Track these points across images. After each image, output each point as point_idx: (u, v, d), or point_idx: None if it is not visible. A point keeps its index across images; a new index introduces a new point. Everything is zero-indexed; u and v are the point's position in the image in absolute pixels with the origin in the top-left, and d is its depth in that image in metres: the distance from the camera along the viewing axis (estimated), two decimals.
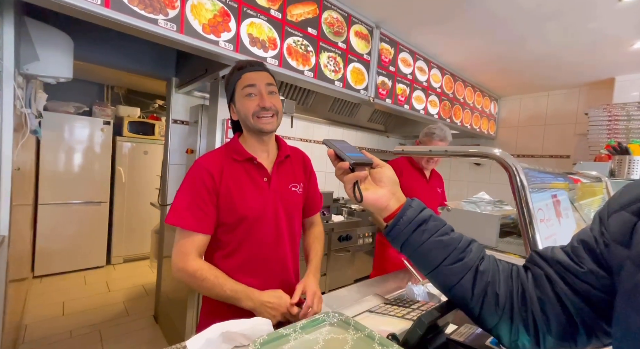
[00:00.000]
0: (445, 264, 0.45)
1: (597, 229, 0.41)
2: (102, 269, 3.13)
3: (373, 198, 0.51)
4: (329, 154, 0.54)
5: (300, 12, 1.51)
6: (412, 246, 0.47)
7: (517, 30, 1.83)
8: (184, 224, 0.79)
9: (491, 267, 0.46)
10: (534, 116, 3.04)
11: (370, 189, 0.52)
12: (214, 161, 0.87)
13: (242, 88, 0.86)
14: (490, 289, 0.43)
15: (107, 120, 3.14)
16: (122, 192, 3.28)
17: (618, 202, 0.39)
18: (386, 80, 2.00)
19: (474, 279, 0.44)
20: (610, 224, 0.39)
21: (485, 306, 0.43)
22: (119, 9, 0.97)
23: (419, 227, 0.47)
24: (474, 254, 0.46)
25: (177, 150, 2.19)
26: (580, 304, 0.39)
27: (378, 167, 0.53)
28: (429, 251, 0.46)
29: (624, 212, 0.37)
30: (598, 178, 1.36)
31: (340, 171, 0.53)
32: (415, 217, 0.48)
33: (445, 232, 0.47)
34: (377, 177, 0.52)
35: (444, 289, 0.47)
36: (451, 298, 0.47)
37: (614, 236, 0.38)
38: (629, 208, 0.37)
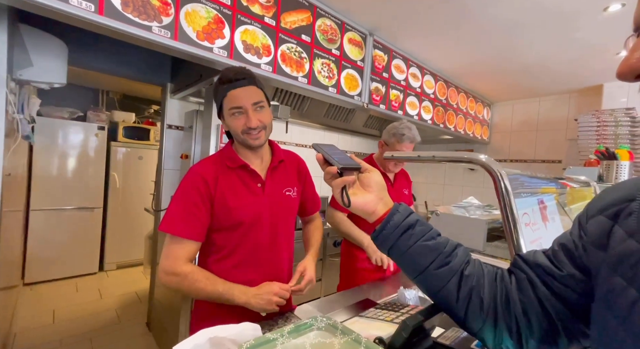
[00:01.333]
0: (431, 268, 0.46)
1: (577, 233, 0.41)
2: (95, 276, 3.08)
3: (361, 203, 0.51)
4: (317, 158, 0.54)
5: (294, 20, 1.53)
6: (399, 250, 0.48)
7: (508, 37, 1.87)
8: (177, 232, 0.80)
9: (476, 271, 0.46)
10: (526, 122, 3.09)
11: (358, 194, 0.52)
12: (208, 168, 0.88)
13: (229, 108, 0.85)
14: (475, 294, 0.44)
15: (101, 125, 3.13)
16: (116, 198, 3.26)
17: (596, 207, 0.40)
18: (380, 86, 2.03)
19: (459, 284, 0.45)
20: (588, 228, 0.39)
21: (470, 310, 0.44)
22: (113, 16, 0.98)
23: (406, 232, 0.47)
24: (460, 258, 0.46)
25: (172, 155, 2.19)
26: (560, 307, 0.39)
27: (366, 172, 0.54)
28: (416, 256, 0.47)
29: (601, 216, 0.38)
30: (587, 183, 1.38)
31: (328, 175, 0.53)
32: (402, 222, 0.48)
33: (431, 236, 0.47)
34: (365, 182, 0.53)
35: (429, 293, 0.47)
36: (437, 302, 0.47)
37: (591, 239, 0.38)
38: (605, 212, 0.38)
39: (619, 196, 0.38)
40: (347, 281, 1.52)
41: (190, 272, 0.78)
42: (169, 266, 0.79)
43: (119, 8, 0.98)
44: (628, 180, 0.41)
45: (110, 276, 3.14)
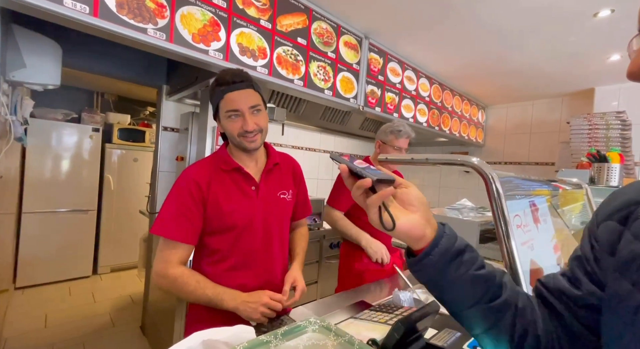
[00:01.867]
0: (483, 302, 0.39)
1: (587, 244, 0.40)
2: (88, 279, 3.04)
3: (407, 226, 0.40)
4: (342, 170, 0.44)
5: (290, 23, 1.54)
6: (445, 280, 0.40)
7: (501, 42, 1.90)
8: (169, 234, 0.80)
9: (528, 303, 0.40)
10: (520, 124, 3.13)
11: (401, 215, 0.41)
12: (202, 171, 0.87)
13: (225, 111, 0.85)
14: (532, 331, 0.38)
15: (96, 127, 3.11)
16: (110, 200, 3.23)
17: (604, 212, 0.39)
18: (375, 89, 2.04)
19: (513, 318, 0.39)
20: (599, 235, 0.38)
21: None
22: (108, 18, 0.98)
23: (455, 260, 0.40)
24: (510, 288, 0.41)
25: (167, 157, 2.18)
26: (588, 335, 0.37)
27: (403, 187, 0.43)
28: (465, 287, 0.39)
29: (611, 221, 0.37)
30: (579, 185, 1.40)
31: (359, 190, 0.42)
32: (452, 247, 0.40)
33: (481, 264, 0.41)
34: (405, 200, 0.42)
35: (479, 330, 0.40)
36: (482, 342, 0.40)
37: (603, 246, 0.37)
38: (614, 217, 0.37)
39: (626, 199, 0.37)
40: (347, 282, 1.53)
41: (180, 275, 0.78)
42: (161, 268, 0.79)
43: (114, 10, 0.98)
44: (635, 182, 0.40)
45: (104, 279, 3.10)
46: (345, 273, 1.58)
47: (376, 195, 0.41)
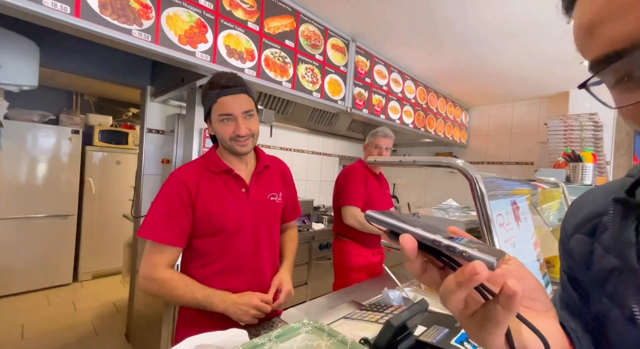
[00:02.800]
0: None
1: (564, 262, 0.39)
2: (69, 287, 2.93)
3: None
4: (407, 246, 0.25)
5: (278, 25, 1.54)
6: None
7: (482, 46, 1.97)
8: (157, 237, 0.78)
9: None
10: (501, 126, 3.24)
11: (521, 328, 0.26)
12: (191, 173, 0.87)
13: (218, 115, 0.84)
14: None
15: (75, 129, 3.00)
16: (92, 205, 3.12)
17: (572, 224, 0.38)
18: (362, 91, 2.07)
19: None
20: (572, 248, 0.37)
21: None
22: (90, 19, 0.95)
23: None
24: None
25: (152, 160, 2.13)
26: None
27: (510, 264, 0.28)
28: None
29: (580, 234, 0.36)
30: (556, 184, 1.48)
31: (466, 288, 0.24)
32: None
33: None
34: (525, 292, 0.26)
35: None
36: None
37: (578, 262, 0.36)
38: (583, 229, 0.36)
39: (591, 210, 0.36)
40: (343, 278, 1.60)
41: (168, 279, 0.77)
42: (148, 272, 0.78)
43: (96, 10, 0.96)
44: (595, 189, 0.39)
45: (86, 286, 2.99)
46: (342, 270, 1.65)
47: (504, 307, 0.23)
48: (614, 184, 0.37)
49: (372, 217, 0.28)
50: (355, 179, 1.65)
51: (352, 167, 1.73)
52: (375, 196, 1.70)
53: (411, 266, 0.27)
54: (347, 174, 1.70)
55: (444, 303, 0.26)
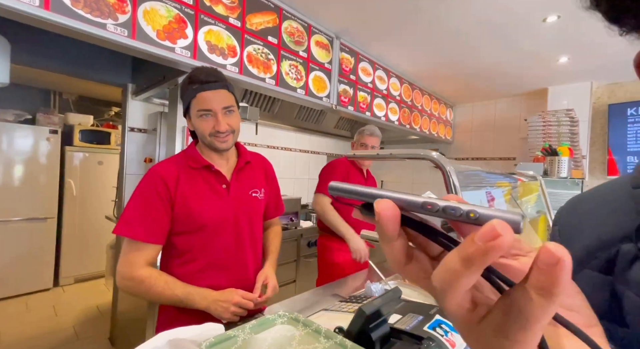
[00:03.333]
0: None
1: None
2: (49, 292, 2.83)
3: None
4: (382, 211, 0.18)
5: (260, 21, 1.53)
6: None
7: (465, 44, 2.01)
8: (134, 235, 0.77)
9: None
10: (485, 122, 3.32)
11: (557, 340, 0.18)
12: (170, 169, 0.85)
13: (197, 110, 0.83)
14: None
15: (54, 128, 2.90)
16: (73, 207, 3.02)
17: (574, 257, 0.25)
18: (347, 88, 2.08)
19: None
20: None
21: None
22: (61, 12, 0.92)
23: None
24: None
25: (135, 159, 2.08)
26: None
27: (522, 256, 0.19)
28: None
29: (588, 270, 0.27)
30: (534, 177, 1.52)
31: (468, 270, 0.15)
32: None
33: None
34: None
35: None
36: None
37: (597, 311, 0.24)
38: (592, 264, 0.27)
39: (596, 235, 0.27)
40: (326, 274, 1.60)
41: (147, 276, 0.76)
42: (126, 270, 0.77)
43: (67, 3, 0.93)
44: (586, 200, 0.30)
45: (67, 291, 2.90)
46: (324, 266, 1.64)
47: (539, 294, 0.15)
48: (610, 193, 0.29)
49: (336, 187, 0.21)
50: (334, 170, 1.65)
51: (335, 160, 1.73)
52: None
53: (391, 250, 0.19)
54: (328, 166, 1.71)
55: (442, 301, 0.17)
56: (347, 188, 0.21)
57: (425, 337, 0.47)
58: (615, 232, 0.26)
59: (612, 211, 0.27)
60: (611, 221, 0.27)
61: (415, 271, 0.20)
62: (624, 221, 0.25)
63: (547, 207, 1.48)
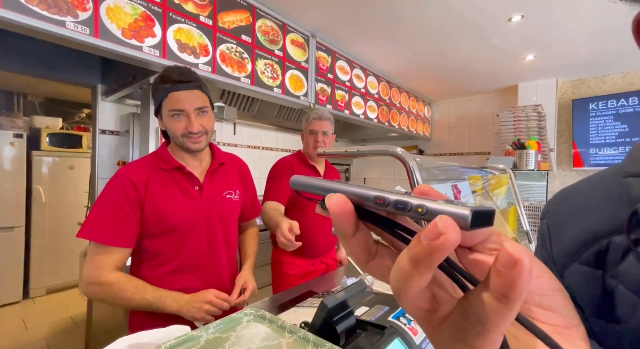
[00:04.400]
0: None
1: None
2: (18, 305, 2.68)
3: None
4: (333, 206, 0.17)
5: (233, 19, 1.51)
6: None
7: (438, 42, 2.06)
8: (100, 238, 0.74)
9: None
10: (461, 118, 3.43)
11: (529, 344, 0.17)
12: (139, 170, 0.83)
13: (169, 110, 0.81)
14: None
15: (18, 132, 2.74)
16: (42, 214, 2.87)
17: (561, 249, 0.28)
18: (325, 86, 2.09)
19: None
20: (571, 287, 0.26)
21: None
22: (14, 8, 0.87)
23: None
24: None
25: (107, 163, 2.01)
26: None
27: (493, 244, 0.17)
28: None
29: (577, 264, 0.26)
30: (504, 170, 1.59)
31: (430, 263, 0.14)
32: None
33: None
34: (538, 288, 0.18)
35: None
36: None
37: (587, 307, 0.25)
38: (581, 257, 0.26)
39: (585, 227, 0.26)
40: (277, 287, 1.41)
41: (115, 281, 0.74)
42: (92, 275, 0.74)
43: (20, 0, 0.88)
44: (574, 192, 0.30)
45: (38, 303, 2.76)
46: (275, 277, 1.41)
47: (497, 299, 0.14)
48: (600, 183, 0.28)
49: (296, 182, 0.21)
50: (275, 173, 1.36)
51: (278, 161, 1.44)
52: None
53: (350, 246, 0.18)
54: (272, 169, 1.41)
55: (400, 301, 0.16)
56: (305, 182, 0.21)
57: (388, 326, 0.49)
58: (606, 223, 0.24)
59: (603, 201, 0.26)
60: (602, 212, 0.26)
61: (378, 268, 0.18)
62: (615, 211, 0.24)
63: (517, 199, 1.55)
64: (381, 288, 0.85)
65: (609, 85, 2.54)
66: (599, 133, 2.46)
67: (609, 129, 2.43)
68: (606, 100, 2.45)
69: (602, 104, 2.46)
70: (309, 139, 1.40)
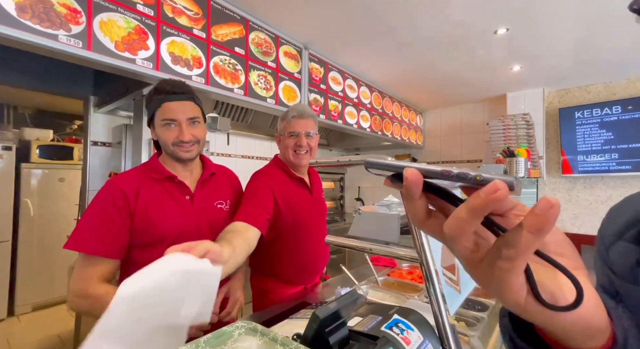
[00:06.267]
0: None
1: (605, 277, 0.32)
2: (2, 324, 2.58)
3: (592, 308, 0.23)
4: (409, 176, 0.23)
5: (226, 32, 1.54)
6: None
7: (429, 53, 2.12)
8: (88, 249, 0.73)
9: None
10: (452, 127, 3.49)
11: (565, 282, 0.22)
12: (129, 180, 0.83)
13: (161, 119, 0.83)
14: None
15: (7, 145, 2.70)
16: (30, 228, 2.80)
17: (611, 232, 0.33)
18: (318, 97, 2.12)
19: None
20: (613, 262, 0.31)
21: None
22: (6, 23, 0.87)
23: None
24: None
25: (99, 174, 1.98)
26: None
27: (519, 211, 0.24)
28: None
29: (621, 242, 0.31)
30: None
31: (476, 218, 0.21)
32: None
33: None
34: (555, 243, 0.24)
35: None
36: None
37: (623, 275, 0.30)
38: (625, 235, 0.31)
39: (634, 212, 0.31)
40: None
41: (103, 293, 0.72)
42: (80, 287, 0.72)
43: (13, 14, 0.88)
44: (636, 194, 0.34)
45: (24, 320, 2.66)
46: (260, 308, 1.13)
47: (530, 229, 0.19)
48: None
49: (372, 162, 0.26)
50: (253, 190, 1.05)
51: (256, 178, 1.15)
52: (305, 213, 1.15)
53: (414, 207, 0.24)
54: (247, 184, 1.11)
55: (451, 245, 0.23)
56: (382, 163, 0.26)
57: (380, 337, 0.48)
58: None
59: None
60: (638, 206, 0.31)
61: (432, 225, 0.25)
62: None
63: None
64: (375, 297, 0.84)
65: (593, 95, 2.63)
66: (586, 141, 2.53)
67: (594, 137, 2.50)
68: (591, 109, 2.53)
69: (587, 113, 2.54)
70: (289, 143, 1.12)
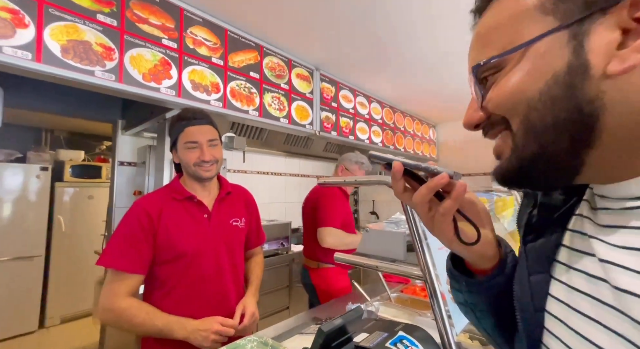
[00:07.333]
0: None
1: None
2: (33, 335, 2.71)
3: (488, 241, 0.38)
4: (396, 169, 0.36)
5: (242, 59, 1.65)
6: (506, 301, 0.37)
7: (437, 71, 2.16)
8: (116, 265, 0.80)
9: None
10: (467, 139, 3.45)
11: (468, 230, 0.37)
12: (153, 201, 0.90)
13: (184, 142, 0.91)
14: None
15: (44, 166, 2.93)
16: (61, 243, 2.98)
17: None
18: (330, 115, 2.19)
19: None
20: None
21: None
22: (52, 63, 1.00)
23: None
24: None
25: (124, 192, 2.11)
26: None
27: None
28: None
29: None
30: (509, 191, 1.59)
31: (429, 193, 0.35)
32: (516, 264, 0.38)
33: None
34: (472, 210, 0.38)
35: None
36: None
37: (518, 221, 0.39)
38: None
39: None
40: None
41: (128, 307, 0.78)
42: (108, 302, 0.79)
43: (58, 55, 1.01)
44: None
45: (53, 332, 2.78)
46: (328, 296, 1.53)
47: (452, 198, 0.34)
48: None
49: (375, 155, 0.38)
50: (333, 200, 1.62)
51: (328, 191, 1.66)
52: (349, 215, 1.72)
53: (397, 185, 0.37)
54: (327, 195, 1.64)
55: (416, 207, 0.38)
56: (380, 156, 0.37)
57: None
58: None
59: None
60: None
61: (406, 196, 0.38)
62: None
63: None
64: (386, 314, 0.85)
65: None
66: None
67: None
68: None
69: None
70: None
